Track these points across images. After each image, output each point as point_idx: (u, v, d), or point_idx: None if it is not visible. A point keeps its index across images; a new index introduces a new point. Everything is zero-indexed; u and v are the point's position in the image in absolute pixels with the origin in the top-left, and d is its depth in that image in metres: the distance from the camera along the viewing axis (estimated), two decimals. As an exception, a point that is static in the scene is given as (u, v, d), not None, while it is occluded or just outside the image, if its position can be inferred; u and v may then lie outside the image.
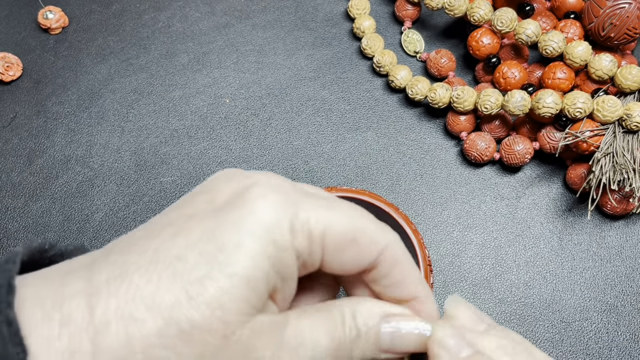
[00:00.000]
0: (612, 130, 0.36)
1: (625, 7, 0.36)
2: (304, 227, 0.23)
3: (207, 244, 0.21)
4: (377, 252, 0.24)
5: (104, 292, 0.20)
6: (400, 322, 0.25)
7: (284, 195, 0.23)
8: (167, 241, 0.22)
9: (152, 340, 0.20)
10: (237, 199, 0.23)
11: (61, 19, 0.44)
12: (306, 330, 0.23)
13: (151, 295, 0.20)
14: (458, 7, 0.39)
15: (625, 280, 0.37)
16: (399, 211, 0.36)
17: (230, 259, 0.21)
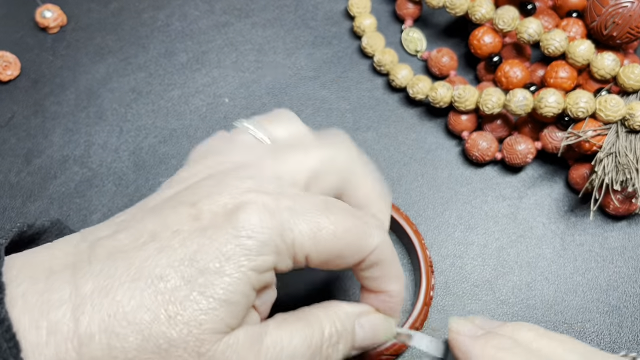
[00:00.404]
0: (614, 130, 0.36)
1: (628, 6, 0.36)
2: (289, 250, 0.24)
3: (188, 267, 0.22)
4: (360, 259, 0.25)
5: (88, 304, 0.21)
6: (368, 318, 0.28)
7: (270, 217, 0.23)
8: (150, 257, 0.22)
9: (132, 354, 0.21)
10: (224, 221, 0.23)
11: (59, 17, 0.44)
12: (284, 338, 0.24)
13: (133, 311, 0.21)
14: (459, 6, 0.39)
15: (628, 281, 0.37)
16: (399, 212, 0.36)
17: (210, 283, 0.22)
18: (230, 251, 0.22)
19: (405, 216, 0.36)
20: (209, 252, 0.22)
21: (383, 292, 0.28)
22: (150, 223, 0.23)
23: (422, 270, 0.35)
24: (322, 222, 0.24)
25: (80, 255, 0.23)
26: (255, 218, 0.23)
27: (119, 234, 0.23)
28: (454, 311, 0.36)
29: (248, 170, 0.25)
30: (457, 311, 0.36)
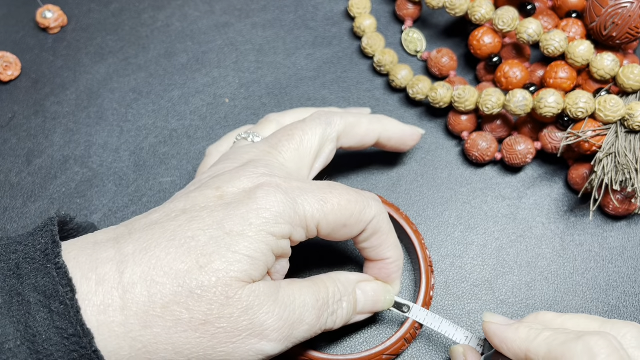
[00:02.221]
0: (614, 130, 0.36)
1: (627, 6, 0.36)
2: (301, 221, 0.28)
3: (216, 230, 0.26)
4: (362, 228, 0.30)
5: (130, 260, 0.25)
6: (369, 284, 0.32)
7: (283, 194, 0.27)
8: (183, 225, 0.26)
9: (169, 298, 0.25)
10: (244, 198, 0.27)
11: (60, 18, 0.44)
12: (295, 292, 0.28)
13: (169, 263, 0.25)
14: (459, 6, 0.39)
15: (627, 280, 0.37)
16: (399, 211, 0.36)
17: (235, 241, 0.26)
18: (252, 219, 0.26)
19: (405, 216, 0.36)
20: (234, 219, 0.26)
21: (381, 260, 0.32)
22: (180, 203, 0.28)
23: (422, 270, 0.35)
24: (327, 196, 0.28)
25: (121, 231, 0.27)
26: (271, 195, 0.27)
27: (152, 214, 0.28)
28: (454, 311, 0.36)
29: (259, 162, 0.30)
30: (456, 311, 0.36)
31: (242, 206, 0.27)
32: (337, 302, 0.30)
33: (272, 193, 0.27)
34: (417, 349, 0.35)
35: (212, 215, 0.26)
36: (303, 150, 0.32)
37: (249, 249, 0.26)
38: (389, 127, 0.36)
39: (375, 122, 0.35)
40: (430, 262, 0.35)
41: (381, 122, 0.35)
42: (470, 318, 0.36)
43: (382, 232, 0.31)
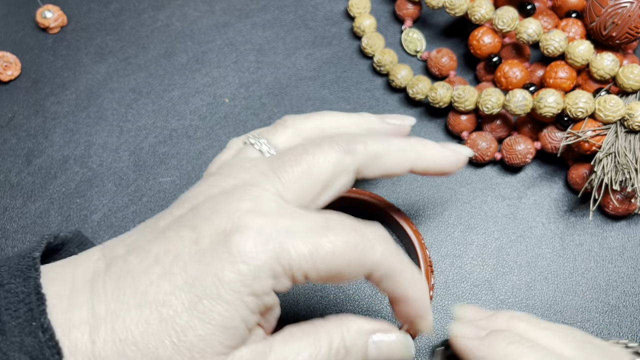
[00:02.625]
0: (614, 130, 0.36)
1: (627, 6, 0.36)
2: (286, 272, 0.24)
3: (188, 294, 0.24)
4: (364, 274, 0.26)
5: (102, 327, 0.23)
6: (386, 337, 0.27)
7: (264, 242, 0.24)
8: (154, 283, 0.24)
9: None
10: (220, 246, 0.24)
11: (60, 18, 0.44)
12: (290, 354, 0.25)
13: (141, 337, 0.23)
14: (459, 6, 0.39)
15: (627, 280, 0.37)
16: (399, 212, 0.36)
17: (208, 309, 0.23)
18: (227, 277, 0.23)
19: (405, 217, 0.36)
20: (207, 278, 0.24)
21: (402, 301, 0.27)
22: (155, 246, 0.25)
23: (422, 270, 0.35)
24: (320, 242, 0.25)
25: (98, 274, 0.25)
26: (250, 243, 0.24)
27: (130, 255, 0.25)
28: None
29: (249, 190, 0.26)
30: (456, 311, 0.36)
31: (217, 259, 0.24)
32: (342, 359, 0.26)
33: (252, 240, 0.24)
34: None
35: (184, 271, 0.24)
36: (309, 180, 0.27)
37: (224, 318, 0.23)
38: (426, 155, 0.30)
39: (408, 150, 0.30)
40: (430, 262, 0.35)
41: (416, 150, 0.30)
42: (470, 318, 0.36)
43: (393, 275, 0.26)
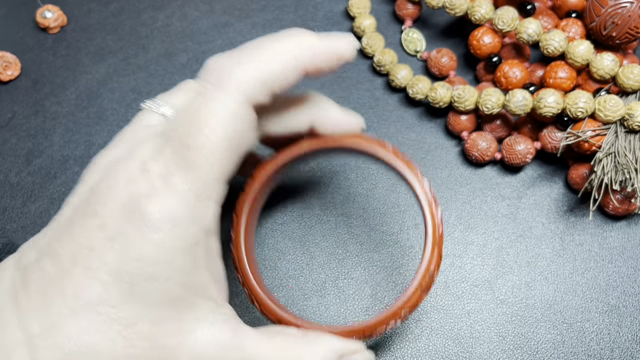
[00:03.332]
0: (613, 130, 0.36)
1: (627, 6, 0.36)
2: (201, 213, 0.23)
3: (119, 285, 0.22)
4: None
5: (41, 346, 0.22)
6: (352, 357, 0.27)
7: (166, 197, 0.23)
8: (80, 285, 0.22)
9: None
10: (126, 224, 0.23)
11: (59, 18, 0.44)
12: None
13: (88, 343, 0.22)
14: (459, 6, 0.39)
15: (627, 280, 0.37)
16: (385, 146, 0.30)
17: (145, 291, 0.22)
18: (145, 253, 0.22)
19: (394, 149, 0.30)
20: (128, 263, 0.22)
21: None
22: (67, 245, 0.23)
23: (424, 204, 0.29)
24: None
25: (18, 287, 0.23)
26: (153, 209, 0.23)
27: (44, 260, 0.24)
28: (454, 311, 0.36)
29: (136, 153, 0.24)
30: (456, 311, 0.36)
31: (128, 239, 0.23)
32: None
33: (154, 206, 0.23)
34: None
35: (105, 265, 0.22)
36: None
37: (164, 293, 0.23)
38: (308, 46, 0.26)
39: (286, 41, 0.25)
40: (434, 197, 0.30)
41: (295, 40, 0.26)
42: (471, 318, 0.36)
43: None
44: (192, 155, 0.23)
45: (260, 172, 0.29)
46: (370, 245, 0.38)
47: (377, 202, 0.39)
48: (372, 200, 0.39)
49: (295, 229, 0.38)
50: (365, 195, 0.39)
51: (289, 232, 0.38)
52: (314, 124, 0.28)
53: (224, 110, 0.23)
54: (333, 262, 0.37)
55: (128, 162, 0.24)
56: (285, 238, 0.38)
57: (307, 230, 0.38)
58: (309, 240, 0.38)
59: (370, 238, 0.38)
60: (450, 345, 0.35)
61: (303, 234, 0.38)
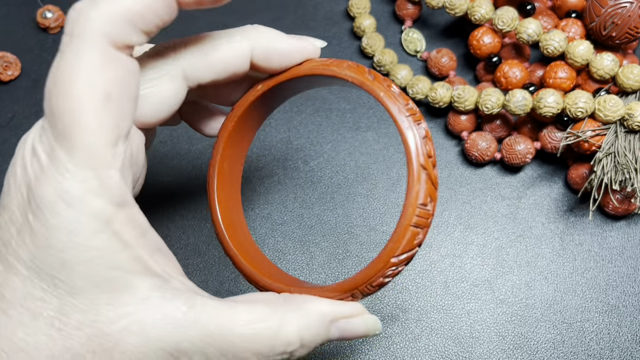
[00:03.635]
0: (613, 130, 0.36)
1: (627, 7, 0.36)
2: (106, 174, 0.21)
3: (42, 277, 0.21)
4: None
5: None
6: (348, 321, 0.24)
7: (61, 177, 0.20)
8: (3, 282, 0.21)
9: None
10: (29, 212, 0.21)
11: (60, 18, 0.44)
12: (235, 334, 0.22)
13: (30, 344, 0.20)
14: (459, 6, 0.39)
15: (627, 280, 0.37)
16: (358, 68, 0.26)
17: (69, 280, 0.21)
18: (52, 240, 0.20)
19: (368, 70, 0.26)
20: (38, 254, 0.21)
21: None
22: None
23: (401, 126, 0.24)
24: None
25: None
26: (47, 192, 0.20)
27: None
28: (454, 310, 0.36)
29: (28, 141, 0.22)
30: (456, 310, 0.36)
31: (36, 229, 0.21)
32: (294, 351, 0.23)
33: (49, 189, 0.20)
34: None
35: (22, 262, 0.21)
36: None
37: (90, 273, 0.21)
38: (267, 38, 0.25)
39: (244, 31, 0.25)
40: (413, 112, 0.24)
41: (253, 31, 0.25)
42: (470, 318, 0.36)
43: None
44: (64, 125, 0.20)
45: (222, 133, 0.28)
46: (370, 245, 0.38)
47: (377, 202, 0.39)
48: (372, 200, 0.39)
49: (295, 229, 0.38)
50: (365, 195, 0.39)
51: (289, 232, 0.38)
52: (256, 62, 0.25)
53: (86, 63, 0.20)
54: (333, 263, 0.37)
55: (25, 143, 0.22)
56: (285, 238, 0.38)
57: (307, 230, 0.38)
58: (309, 240, 0.38)
59: (370, 238, 0.38)
60: (450, 345, 0.35)
61: (303, 234, 0.38)
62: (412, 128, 0.24)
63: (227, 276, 0.37)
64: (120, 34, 0.21)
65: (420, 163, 0.23)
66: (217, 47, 0.24)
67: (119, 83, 0.21)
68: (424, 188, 0.23)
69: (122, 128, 0.21)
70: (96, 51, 0.20)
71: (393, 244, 0.23)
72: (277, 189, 0.39)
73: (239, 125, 0.28)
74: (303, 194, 0.39)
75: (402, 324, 0.36)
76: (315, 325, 0.23)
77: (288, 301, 0.24)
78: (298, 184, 0.39)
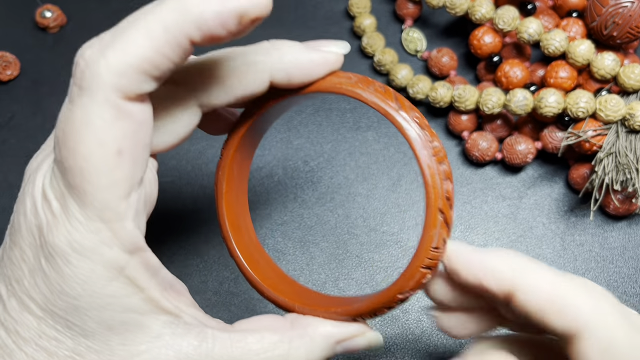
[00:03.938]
0: (614, 130, 0.36)
1: (628, 6, 0.36)
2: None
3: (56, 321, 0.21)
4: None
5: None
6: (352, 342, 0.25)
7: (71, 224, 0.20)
8: (18, 318, 0.21)
9: None
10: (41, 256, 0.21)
11: (59, 17, 0.44)
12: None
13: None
14: (459, 6, 0.39)
15: (628, 281, 0.37)
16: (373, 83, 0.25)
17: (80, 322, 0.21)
18: (66, 287, 0.21)
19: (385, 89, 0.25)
20: (52, 298, 0.21)
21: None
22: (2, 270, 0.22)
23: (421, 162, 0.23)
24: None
25: None
26: (60, 239, 0.20)
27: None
28: (454, 311, 0.36)
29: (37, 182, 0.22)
30: (457, 311, 0.36)
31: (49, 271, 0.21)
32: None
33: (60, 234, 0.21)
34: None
35: (36, 304, 0.21)
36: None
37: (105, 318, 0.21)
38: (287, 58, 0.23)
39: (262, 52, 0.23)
40: (439, 150, 0.24)
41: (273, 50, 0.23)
42: (471, 318, 0.36)
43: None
44: (75, 179, 0.20)
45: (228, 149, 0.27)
46: (371, 245, 0.38)
47: (377, 202, 0.39)
48: (372, 200, 0.39)
49: (295, 229, 0.38)
50: (365, 195, 0.39)
51: (289, 232, 0.38)
52: (276, 82, 0.23)
53: (96, 119, 0.19)
54: (333, 263, 0.37)
55: (34, 183, 0.22)
56: (285, 238, 0.38)
57: (307, 230, 0.38)
58: (309, 240, 0.38)
59: (370, 238, 0.38)
60: (451, 345, 0.35)
61: (303, 234, 0.38)
62: (434, 168, 0.23)
63: (227, 276, 0.37)
64: (131, 85, 0.20)
65: (438, 207, 0.23)
66: (234, 71, 0.23)
67: (130, 136, 0.20)
68: (439, 232, 0.23)
69: (135, 178, 0.21)
70: (106, 106, 0.20)
71: (402, 283, 0.24)
72: (277, 189, 0.39)
73: (252, 128, 0.27)
74: (303, 194, 0.39)
75: (402, 325, 0.36)
76: (321, 347, 0.24)
77: (295, 325, 0.24)
78: (298, 184, 0.39)
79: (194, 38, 0.20)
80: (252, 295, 0.36)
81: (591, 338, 0.20)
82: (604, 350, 0.20)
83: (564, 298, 0.21)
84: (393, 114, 0.23)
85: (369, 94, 0.24)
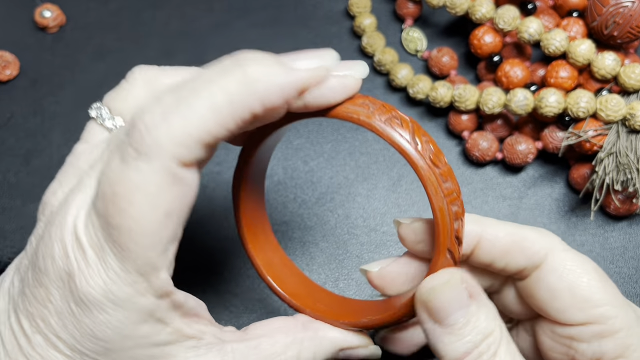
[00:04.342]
0: (615, 130, 0.36)
1: (629, 6, 0.36)
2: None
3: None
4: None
5: None
6: (354, 351, 0.27)
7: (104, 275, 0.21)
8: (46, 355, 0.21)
9: None
10: (70, 300, 0.21)
11: (58, 17, 0.44)
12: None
13: None
14: (459, 5, 0.39)
15: (629, 281, 0.37)
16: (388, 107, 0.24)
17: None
18: (98, 333, 0.21)
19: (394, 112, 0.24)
20: (82, 340, 0.21)
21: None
22: (26, 305, 0.22)
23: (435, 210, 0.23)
24: None
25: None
26: (88, 285, 0.21)
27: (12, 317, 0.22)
28: (455, 311, 0.36)
29: (70, 208, 0.22)
30: (457, 311, 0.36)
31: (75, 316, 0.21)
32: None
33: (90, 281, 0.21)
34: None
35: (63, 342, 0.21)
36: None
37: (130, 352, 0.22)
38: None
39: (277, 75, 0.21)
40: (451, 191, 0.23)
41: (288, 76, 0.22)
42: (471, 319, 0.36)
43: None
44: (121, 237, 0.20)
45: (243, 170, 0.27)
46: (371, 245, 0.38)
47: (377, 202, 0.39)
48: (372, 200, 0.39)
49: (295, 229, 0.38)
50: (365, 195, 0.39)
51: (289, 232, 0.38)
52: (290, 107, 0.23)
53: (151, 185, 0.20)
54: (333, 263, 0.37)
55: (63, 226, 0.21)
56: (285, 238, 0.38)
57: (307, 231, 0.38)
58: (309, 240, 0.38)
59: (370, 238, 0.38)
60: None
61: (303, 234, 0.38)
62: (445, 209, 0.23)
63: (227, 276, 0.37)
64: (190, 154, 0.20)
65: (447, 247, 0.24)
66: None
67: (180, 199, 0.21)
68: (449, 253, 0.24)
69: (177, 235, 0.21)
70: (163, 174, 0.20)
71: (406, 310, 0.25)
72: (277, 189, 0.39)
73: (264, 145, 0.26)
74: (303, 194, 0.39)
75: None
76: (327, 350, 0.26)
77: (306, 328, 0.26)
78: (298, 184, 0.39)
79: (256, 112, 0.21)
80: (252, 296, 0.36)
81: (547, 263, 0.26)
82: (558, 272, 0.26)
83: (524, 239, 0.26)
84: (409, 151, 0.23)
85: (385, 126, 0.23)
